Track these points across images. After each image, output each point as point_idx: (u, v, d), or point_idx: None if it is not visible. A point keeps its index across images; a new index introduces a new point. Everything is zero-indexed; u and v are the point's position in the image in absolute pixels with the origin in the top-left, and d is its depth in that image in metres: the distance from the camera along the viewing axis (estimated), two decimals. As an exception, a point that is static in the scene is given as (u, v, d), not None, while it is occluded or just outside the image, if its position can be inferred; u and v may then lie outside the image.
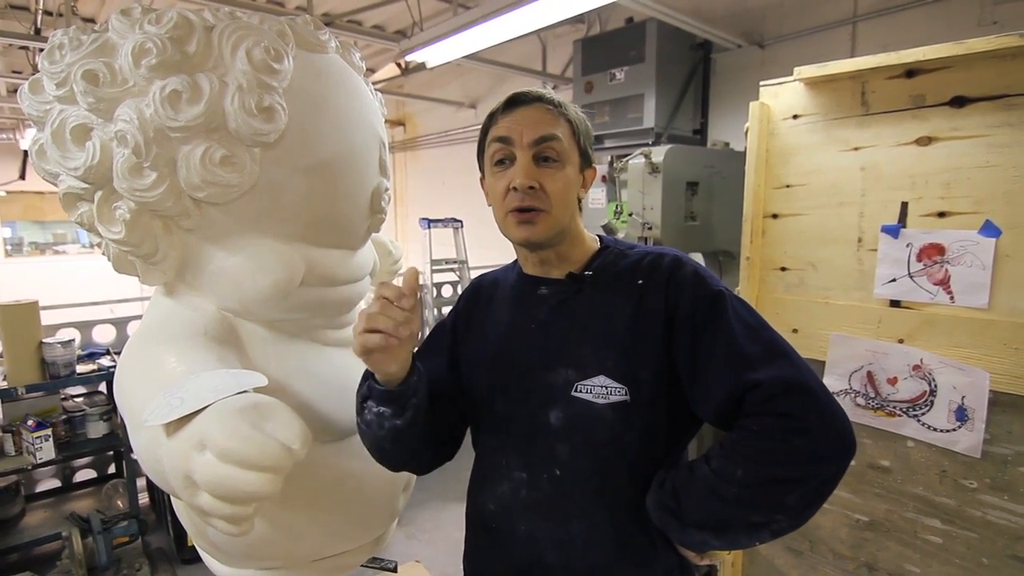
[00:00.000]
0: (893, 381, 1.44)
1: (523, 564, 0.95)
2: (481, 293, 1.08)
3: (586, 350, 0.90)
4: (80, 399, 2.99)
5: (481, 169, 0.99)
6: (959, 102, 1.32)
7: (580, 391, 0.89)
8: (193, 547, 1.34)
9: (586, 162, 0.96)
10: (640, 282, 0.91)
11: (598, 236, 1.02)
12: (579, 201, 0.97)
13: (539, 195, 0.89)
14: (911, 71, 1.39)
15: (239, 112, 0.97)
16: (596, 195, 3.10)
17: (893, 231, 1.43)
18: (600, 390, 0.88)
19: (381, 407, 0.89)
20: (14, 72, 5.36)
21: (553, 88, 4.82)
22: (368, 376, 0.90)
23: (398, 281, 0.90)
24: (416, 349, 1.07)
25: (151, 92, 0.94)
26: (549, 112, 0.91)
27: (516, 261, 1.05)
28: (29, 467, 2.55)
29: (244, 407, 0.71)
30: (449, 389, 1.02)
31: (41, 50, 1.04)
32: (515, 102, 0.92)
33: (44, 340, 2.56)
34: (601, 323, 0.91)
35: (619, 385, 0.87)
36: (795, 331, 1.61)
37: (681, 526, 0.84)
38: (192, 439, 0.70)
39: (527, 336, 0.96)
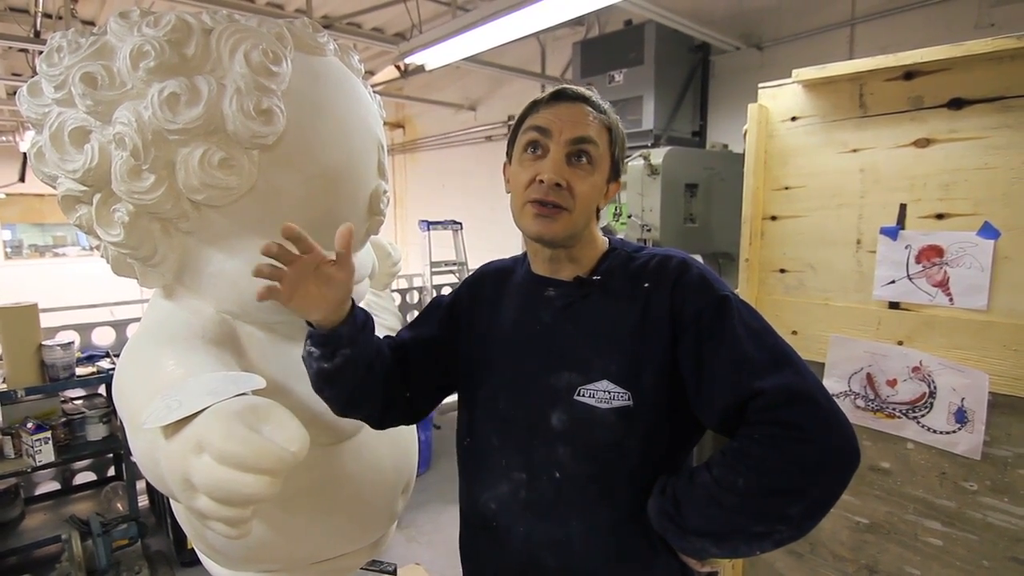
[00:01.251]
0: (892, 383, 1.44)
1: (521, 565, 0.95)
2: (486, 282, 1.08)
3: (590, 354, 0.90)
4: (79, 401, 2.99)
5: (508, 155, 0.98)
6: (957, 104, 1.33)
7: (582, 395, 0.89)
8: (193, 550, 1.34)
9: (614, 173, 0.95)
10: (646, 286, 0.90)
11: (607, 237, 1.02)
12: (598, 211, 0.96)
13: (564, 194, 0.88)
14: (909, 73, 1.39)
15: (237, 115, 0.97)
16: (595, 197, 3.10)
17: (892, 233, 1.43)
18: (602, 395, 0.87)
19: (311, 347, 0.93)
20: (14, 75, 5.37)
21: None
22: None
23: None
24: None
25: (149, 95, 0.94)
26: (592, 115, 0.90)
27: (525, 254, 1.05)
28: (28, 470, 2.55)
29: (242, 409, 0.71)
30: (418, 359, 1.04)
31: (40, 53, 1.04)
32: (561, 96, 0.92)
33: (43, 342, 2.56)
34: (606, 328, 0.90)
35: (622, 390, 0.87)
36: (794, 333, 1.61)
37: (681, 533, 0.84)
38: (190, 442, 0.70)
39: (532, 337, 0.96)
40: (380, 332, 1.22)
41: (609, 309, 0.91)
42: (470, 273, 1.18)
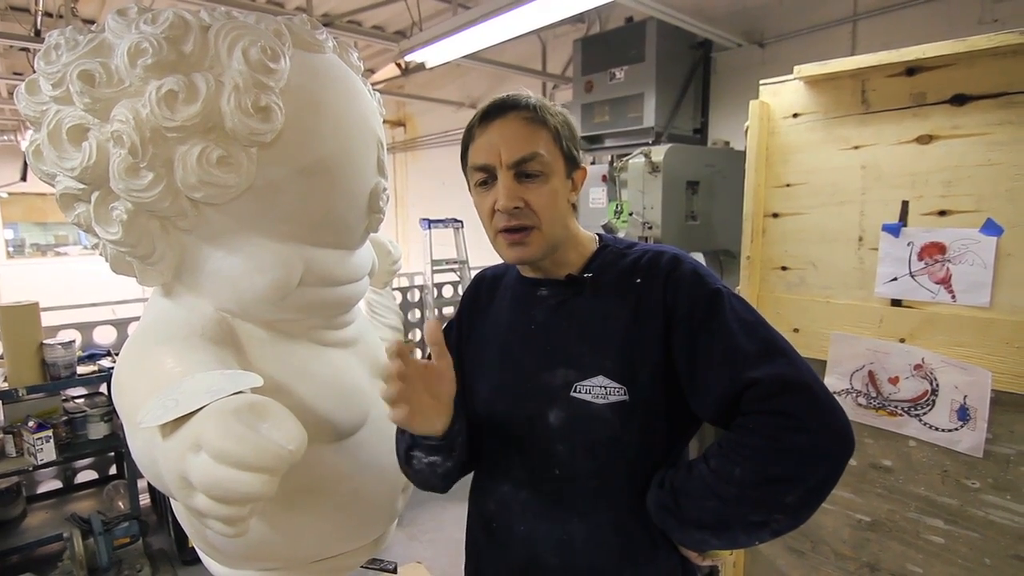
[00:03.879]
0: (895, 380, 1.44)
1: (522, 564, 0.95)
2: (482, 289, 1.09)
3: (584, 350, 0.90)
4: (81, 400, 2.99)
5: (467, 176, 0.97)
6: (960, 100, 1.32)
7: (579, 391, 0.89)
8: (194, 548, 1.34)
9: (573, 166, 0.93)
10: (638, 281, 0.90)
11: (597, 235, 1.01)
12: (573, 205, 0.95)
13: (526, 213, 0.87)
14: (912, 69, 1.38)
15: (235, 112, 0.96)
16: (596, 194, 3.10)
17: (894, 230, 1.42)
18: (599, 390, 0.88)
19: (430, 457, 0.93)
20: (15, 74, 5.37)
21: (553, 88, 4.83)
22: None
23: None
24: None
25: (147, 92, 0.94)
26: (527, 123, 0.87)
27: None
28: (30, 468, 2.55)
29: (240, 408, 0.70)
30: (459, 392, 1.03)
31: (40, 51, 1.04)
32: (490, 114, 0.89)
33: (45, 341, 2.56)
34: (600, 324, 0.90)
35: (618, 385, 0.87)
36: (796, 330, 1.60)
37: (680, 526, 0.84)
38: (187, 440, 0.69)
39: (526, 337, 0.96)
40: (382, 331, 1.22)
41: (602, 305, 0.91)
42: (470, 278, 1.18)
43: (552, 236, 0.90)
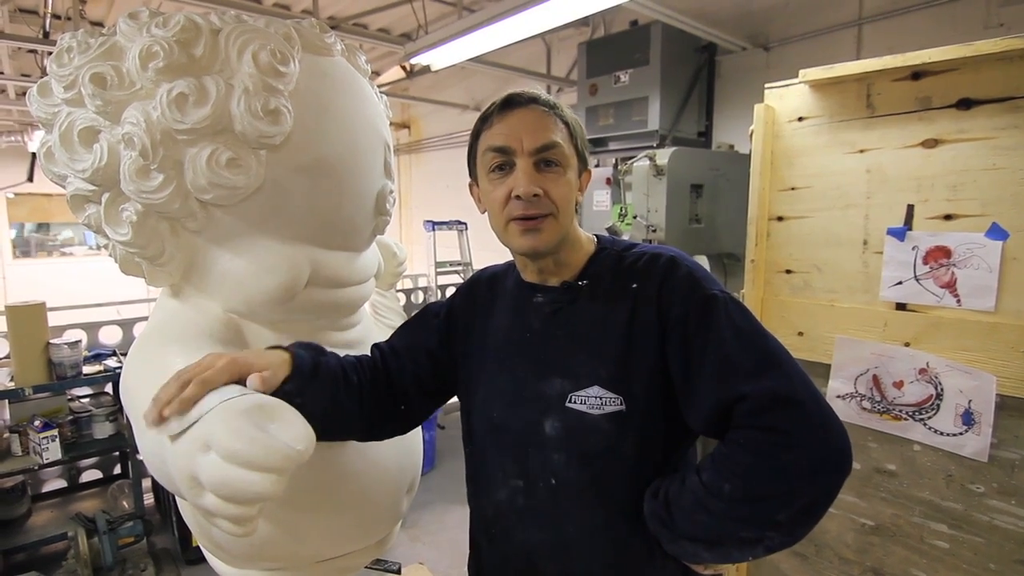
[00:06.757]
0: (899, 384, 1.43)
1: (520, 571, 0.95)
2: (479, 289, 1.08)
3: (580, 360, 0.89)
4: (86, 400, 3.00)
5: (471, 175, 0.97)
6: (965, 104, 1.32)
7: (574, 402, 0.87)
8: (198, 548, 1.35)
9: (583, 164, 0.94)
10: (634, 286, 0.88)
11: (596, 236, 1.00)
12: (577, 205, 0.95)
13: (543, 202, 0.86)
14: (917, 73, 1.38)
15: (245, 115, 0.97)
16: (600, 197, 3.11)
17: (899, 234, 1.42)
18: (594, 401, 0.86)
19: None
20: (23, 75, 5.41)
21: (558, 91, 4.84)
22: None
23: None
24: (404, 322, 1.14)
25: (158, 95, 0.95)
26: (546, 115, 0.88)
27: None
28: (35, 467, 2.56)
29: (249, 408, 0.71)
30: (412, 369, 1.03)
31: (49, 54, 1.05)
32: (511, 103, 0.89)
33: (51, 341, 2.57)
34: (595, 332, 0.89)
35: (613, 395, 0.86)
36: (800, 334, 1.60)
37: (673, 537, 0.83)
38: (197, 440, 0.70)
39: (522, 345, 0.95)
40: (385, 333, 1.22)
41: (597, 313, 0.90)
42: (465, 280, 1.18)
43: (564, 228, 0.90)
